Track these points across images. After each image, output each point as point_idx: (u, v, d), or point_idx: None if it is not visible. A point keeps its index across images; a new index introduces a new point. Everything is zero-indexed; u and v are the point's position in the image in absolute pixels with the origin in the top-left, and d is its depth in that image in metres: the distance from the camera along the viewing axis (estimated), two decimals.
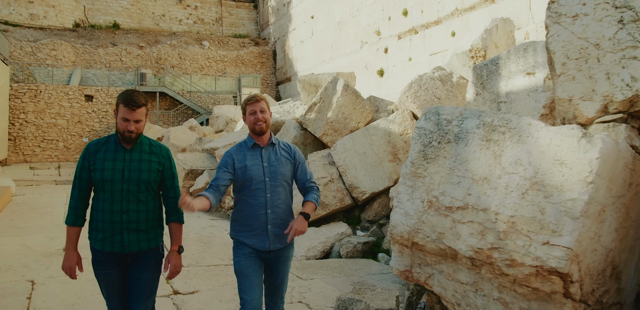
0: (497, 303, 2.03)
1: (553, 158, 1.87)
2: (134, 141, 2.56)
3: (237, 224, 2.82)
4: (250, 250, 2.74)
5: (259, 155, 2.79)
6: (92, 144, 2.58)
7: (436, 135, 2.26)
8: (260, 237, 2.74)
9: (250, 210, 2.74)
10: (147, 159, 2.58)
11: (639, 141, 2.10)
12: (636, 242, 2.27)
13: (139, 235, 2.56)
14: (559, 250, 1.78)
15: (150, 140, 2.67)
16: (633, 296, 2.46)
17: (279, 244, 2.77)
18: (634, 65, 2.01)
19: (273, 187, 2.76)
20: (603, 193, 1.86)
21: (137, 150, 2.58)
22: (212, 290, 4.42)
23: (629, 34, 2.03)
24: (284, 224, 2.77)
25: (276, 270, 2.82)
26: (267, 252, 2.76)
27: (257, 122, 2.74)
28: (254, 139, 2.82)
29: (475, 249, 2.00)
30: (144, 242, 2.58)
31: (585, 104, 2.16)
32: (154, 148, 2.65)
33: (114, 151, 2.54)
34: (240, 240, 2.78)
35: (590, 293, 2.02)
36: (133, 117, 2.48)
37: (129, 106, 2.46)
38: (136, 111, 2.48)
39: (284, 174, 2.81)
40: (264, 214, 2.74)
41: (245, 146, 2.83)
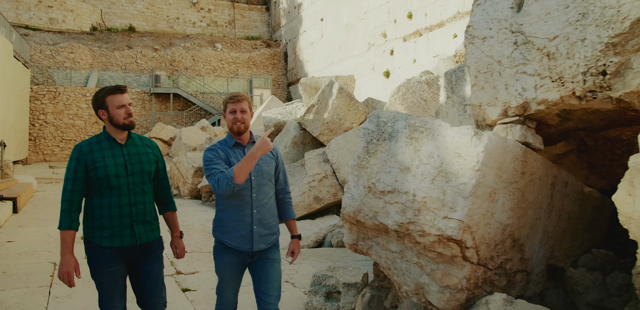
0: (415, 266, 2.57)
1: (454, 151, 2.40)
2: (132, 128, 2.60)
3: (221, 225, 2.71)
4: (230, 259, 2.66)
5: (242, 153, 2.72)
6: (82, 144, 2.57)
7: (376, 134, 2.80)
8: (245, 238, 2.64)
9: (235, 211, 2.65)
10: (143, 151, 2.65)
11: (532, 138, 2.61)
12: (537, 221, 2.78)
13: (145, 226, 2.61)
14: (453, 222, 2.31)
15: (138, 135, 2.73)
16: (541, 267, 2.98)
17: (264, 244, 2.69)
18: (524, 79, 2.53)
19: (259, 186, 2.68)
20: (492, 178, 2.38)
21: (132, 145, 2.63)
22: (209, 272, 5.01)
23: (521, 54, 2.55)
24: (269, 224, 2.72)
25: (264, 274, 2.72)
26: (250, 254, 2.68)
27: (236, 122, 2.68)
28: (235, 138, 2.76)
29: (399, 223, 2.53)
30: (150, 233, 2.63)
31: (490, 109, 2.69)
32: (145, 141, 2.72)
33: (110, 148, 2.56)
34: (223, 241, 2.68)
35: (489, 259, 2.55)
36: (126, 100, 2.54)
37: (118, 91, 2.52)
38: (124, 94, 2.54)
39: (269, 173, 2.75)
40: (250, 214, 2.65)
41: (226, 145, 2.75)
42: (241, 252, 2.65)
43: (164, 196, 2.80)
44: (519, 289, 2.82)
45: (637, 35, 2.19)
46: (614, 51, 2.24)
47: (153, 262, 2.66)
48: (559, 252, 3.07)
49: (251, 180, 2.66)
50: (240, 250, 2.65)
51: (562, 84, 2.39)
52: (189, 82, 26.47)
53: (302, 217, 7.45)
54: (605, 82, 2.29)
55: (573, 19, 2.35)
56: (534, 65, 2.49)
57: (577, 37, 2.33)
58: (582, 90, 2.35)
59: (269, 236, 2.72)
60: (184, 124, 24.20)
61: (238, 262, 2.68)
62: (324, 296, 3.85)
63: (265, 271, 2.72)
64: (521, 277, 2.80)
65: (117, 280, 2.54)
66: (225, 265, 2.68)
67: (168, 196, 2.83)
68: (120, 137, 2.59)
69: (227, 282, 2.68)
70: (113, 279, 2.52)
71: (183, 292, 4.34)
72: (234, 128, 2.70)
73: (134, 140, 2.65)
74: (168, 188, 2.82)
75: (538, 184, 2.67)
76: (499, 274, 2.64)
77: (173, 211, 2.84)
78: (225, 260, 2.67)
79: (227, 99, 2.73)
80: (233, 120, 2.68)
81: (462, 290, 2.44)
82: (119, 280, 2.55)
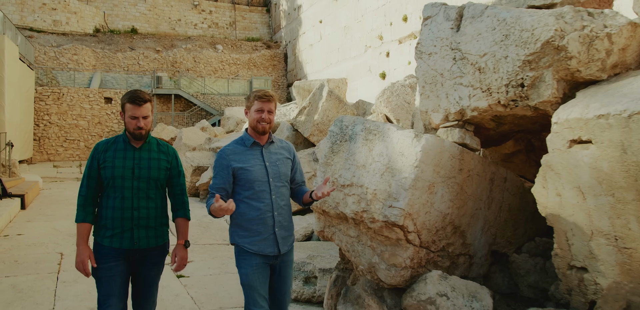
0: (369, 248, 3.01)
1: (399, 151, 2.84)
2: (144, 139, 2.62)
3: (240, 230, 2.63)
4: (257, 260, 2.59)
5: (260, 154, 2.65)
6: (100, 143, 2.65)
7: (339, 136, 3.24)
8: (268, 241, 2.60)
9: (255, 214, 2.59)
10: (156, 157, 2.65)
11: (470, 140, 3.05)
12: (477, 211, 3.22)
13: (148, 231, 2.60)
14: (396, 210, 2.75)
15: (157, 140, 2.74)
16: (484, 251, 3.42)
17: (286, 246, 2.67)
18: (461, 89, 2.97)
19: (277, 187, 2.64)
20: (430, 174, 2.82)
21: (146, 150, 2.64)
22: (203, 261, 5.47)
23: (458, 68, 2.99)
24: (288, 226, 2.70)
25: (283, 276, 2.71)
26: (274, 257, 2.63)
27: (262, 121, 2.60)
28: (254, 137, 2.67)
29: (355, 212, 2.98)
30: (152, 239, 2.62)
31: (434, 115, 3.13)
32: (162, 147, 2.72)
33: (124, 150, 2.60)
34: (244, 247, 2.60)
35: (431, 242, 2.99)
36: (141, 113, 2.53)
37: (135, 102, 2.52)
38: (143, 106, 2.53)
39: (286, 174, 2.70)
40: (271, 217, 2.60)
41: (242, 144, 2.68)
42: (264, 256, 2.60)
43: (175, 202, 2.78)
44: (463, 270, 3.26)
45: (547, 54, 2.63)
46: (529, 67, 2.69)
47: (150, 268, 2.66)
48: (502, 239, 3.51)
49: (269, 182, 2.61)
50: (263, 254, 2.59)
51: (490, 94, 2.84)
52: (190, 83, 26.94)
53: (294, 213, 7.89)
54: (524, 92, 2.73)
55: (498, 39, 2.79)
56: (469, 77, 2.93)
57: (502, 54, 2.78)
58: (505, 100, 2.79)
59: (289, 238, 2.70)
60: (185, 124, 24.67)
61: (265, 265, 2.62)
62: (303, 281, 4.29)
63: (285, 272, 2.71)
64: (464, 259, 3.24)
65: (114, 277, 2.55)
66: (252, 269, 2.57)
67: (181, 203, 2.78)
68: (135, 141, 2.63)
69: (258, 291, 2.55)
70: (110, 274, 2.54)
71: (177, 278, 4.79)
72: (258, 127, 2.62)
73: (150, 145, 2.66)
74: (181, 195, 2.78)
75: (476, 179, 3.11)
76: (442, 256, 3.08)
77: (183, 218, 2.79)
78: (252, 262, 2.58)
79: (256, 96, 2.63)
80: (259, 119, 2.60)
81: (406, 268, 2.88)
82: (116, 276, 2.55)
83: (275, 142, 2.74)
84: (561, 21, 2.59)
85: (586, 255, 2.69)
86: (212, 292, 4.42)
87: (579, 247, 2.70)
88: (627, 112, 2.21)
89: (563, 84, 2.72)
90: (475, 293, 2.81)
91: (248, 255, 2.60)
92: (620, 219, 2.44)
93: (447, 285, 2.76)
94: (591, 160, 2.42)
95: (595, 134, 2.36)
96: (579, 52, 2.60)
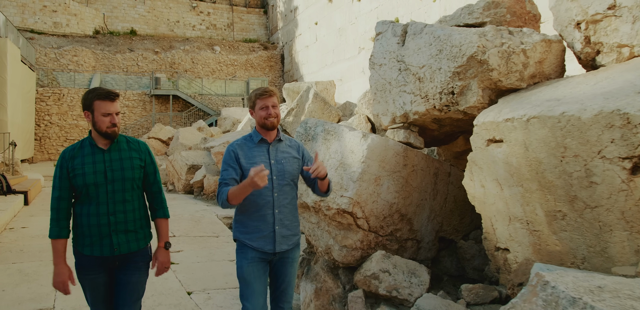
0: (326, 233, 3.50)
1: (350, 149, 3.33)
2: (115, 138, 2.51)
3: (242, 226, 2.65)
4: (254, 254, 2.60)
5: (266, 151, 2.64)
6: (67, 150, 2.52)
7: (304, 136, 3.72)
8: (267, 239, 2.60)
9: (256, 211, 2.60)
10: (127, 156, 2.54)
11: (414, 139, 3.53)
12: (423, 201, 3.70)
13: (127, 236, 2.51)
14: (346, 199, 3.23)
15: (126, 138, 2.61)
16: (431, 237, 3.90)
17: (286, 245, 2.65)
18: (404, 96, 3.46)
19: (280, 185, 2.62)
20: (376, 168, 3.30)
21: (116, 150, 2.52)
22: (193, 250, 5.95)
23: (403, 77, 3.47)
24: (291, 225, 2.68)
25: (282, 273, 2.69)
26: (272, 254, 2.63)
27: (269, 117, 2.59)
28: (262, 134, 2.66)
29: (314, 201, 3.45)
30: (133, 243, 2.53)
31: (384, 118, 3.61)
32: (132, 145, 2.60)
33: (92, 154, 2.48)
34: (244, 242, 2.62)
35: (379, 227, 3.47)
36: (115, 108, 2.43)
37: (108, 98, 2.41)
38: (115, 101, 2.44)
39: (292, 173, 2.67)
40: (271, 214, 2.60)
41: (251, 141, 2.67)
42: (262, 251, 2.61)
43: (154, 202, 2.68)
44: (411, 253, 3.74)
45: (472, 67, 3.11)
46: (458, 77, 3.17)
47: (131, 273, 2.56)
48: (449, 227, 3.99)
49: (272, 179, 2.60)
50: (261, 251, 2.61)
51: (427, 100, 3.32)
52: (189, 84, 27.42)
53: None
54: (454, 99, 3.21)
55: (434, 53, 3.27)
56: (411, 86, 3.41)
57: (436, 66, 3.26)
58: (440, 105, 3.27)
59: (291, 237, 2.67)
60: (183, 125, 25.15)
61: (261, 260, 2.62)
62: None
63: (285, 270, 2.69)
64: (412, 244, 3.73)
65: (97, 288, 2.50)
66: (247, 262, 2.60)
67: (159, 202, 2.69)
68: (103, 142, 2.52)
69: (251, 285, 2.57)
70: (93, 285, 2.49)
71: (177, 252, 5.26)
72: (267, 123, 2.61)
73: (119, 144, 2.55)
74: (159, 193, 2.69)
75: (420, 173, 3.59)
76: (391, 240, 3.57)
77: (163, 218, 2.69)
78: (248, 256, 2.60)
79: (256, 94, 2.64)
80: (266, 115, 2.59)
81: (356, 249, 3.37)
82: (99, 287, 2.50)
83: (284, 140, 2.73)
84: (483, 39, 3.07)
85: (507, 237, 3.16)
86: (198, 277, 4.90)
87: (502, 231, 3.18)
88: (526, 116, 2.68)
89: (488, 91, 3.19)
90: (414, 270, 3.29)
91: (246, 248, 2.61)
92: (529, 206, 2.92)
93: (389, 263, 3.24)
94: (504, 157, 2.90)
95: (505, 134, 2.84)
96: (498, 65, 3.07)
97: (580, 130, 2.48)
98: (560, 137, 2.56)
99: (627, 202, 2.42)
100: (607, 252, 2.65)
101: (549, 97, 2.79)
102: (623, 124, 2.30)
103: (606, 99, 2.46)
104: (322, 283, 3.46)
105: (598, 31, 3.18)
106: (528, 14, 3.54)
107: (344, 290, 3.42)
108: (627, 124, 2.28)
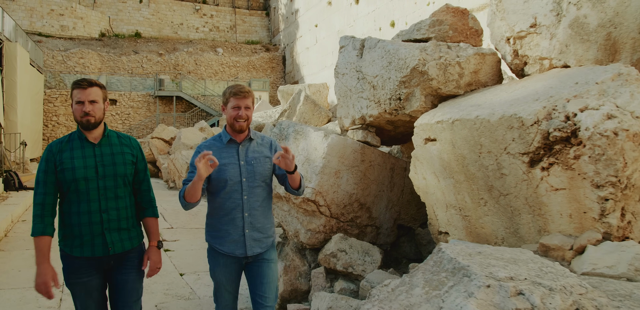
0: (295, 219, 4.06)
1: (314, 147, 3.89)
2: (94, 128, 2.37)
3: (212, 229, 2.61)
4: (224, 260, 2.55)
5: (236, 152, 2.56)
6: (54, 143, 2.38)
7: (279, 135, 4.29)
8: (238, 243, 2.53)
9: (225, 214, 2.53)
10: (119, 151, 2.43)
11: (371, 138, 4.09)
12: (381, 192, 4.26)
13: (120, 234, 2.41)
14: (310, 189, 3.79)
15: (117, 133, 2.52)
16: (389, 224, 4.45)
17: (259, 248, 2.58)
18: (361, 101, 4.02)
19: (250, 188, 2.54)
20: (335, 163, 3.86)
21: (106, 144, 2.41)
22: (188, 240, 6.54)
23: (360, 85, 4.03)
24: (263, 228, 2.61)
25: (259, 275, 2.61)
26: (244, 257, 2.58)
27: (239, 118, 2.51)
28: (230, 134, 2.59)
29: (285, 192, 4.03)
30: (126, 242, 2.43)
31: (345, 120, 4.18)
32: (123, 140, 2.50)
33: (81, 148, 2.36)
34: (215, 247, 2.57)
35: (340, 214, 4.02)
36: (86, 96, 2.28)
37: (80, 85, 2.28)
38: (88, 89, 2.29)
39: (263, 174, 2.59)
40: (240, 217, 2.53)
41: (220, 141, 2.59)
42: (234, 256, 2.56)
43: (143, 200, 2.58)
44: (371, 237, 4.30)
45: (415, 77, 3.67)
46: (404, 85, 3.72)
47: (128, 272, 2.47)
48: (406, 216, 4.55)
49: (242, 182, 2.52)
50: (232, 255, 2.55)
51: (380, 105, 3.88)
52: (192, 85, 28.06)
53: None
54: (401, 104, 3.77)
55: (385, 65, 3.83)
56: (366, 92, 3.97)
57: (387, 76, 3.81)
58: (389, 109, 3.83)
59: (263, 239, 2.61)
60: (186, 125, 25.79)
61: (232, 263, 2.57)
62: None
63: (261, 272, 2.62)
64: (371, 229, 4.28)
65: (91, 292, 2.38)
66: (219, 267, 2.57)
67: (148, 200, 2.59)
68: (92, 136, 2.39)
69: (223, 286, 2.59)
70: (86, 289, 2.37)
71: (165, 251, 5.85)
72: (235, 125, 2.54)
73: (109, 139, 2.45)
74: (148, 191, 2.60)
75: (377, 168, 4.15)
76: (351, 225, 4.13)
77: (152, 217, 2.60)
78: (219, 261, 2.56)
79: (231, 92, 2.53)
80: (236, 116, 2.52)
81: (320, 232, 3.93)
82: (93, 291, 2.38)
83: (255, 139, 2.65)
84: (424, 53, 3.62)
85: (446, 222, 3.71)
86: (190, 262, 5.48)
87: (442, 217, 3.73)
88: (452, 119, 3.24)
89: (430, 97, 3.75)
90: (368, 250, 3.85)
91: (216, 253, 2.59)
92: (460, 195, 3.47)
93: (346, 244, 3.81)
94: (438, 153, 3.45)
95: (437, 134, 3.39)
96: (437, 75, 3.63)
97: (490, 131, 3.02)
98: (477, 136, 3.11)
99: (528, 189, 2.97)
100: (518, 232, 3.20)
101: (473, 103, 3.34)
102: (519, 125, 2.84)
103: (511, 105, 3.01)
104: (291, 261, 4.03)
105: (524, 46, 3.72)
106: (470, 30, 4.09)
107: (309, 268, 3.99)
108: (522, 125, 2.82)
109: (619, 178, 2.57)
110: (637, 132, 2.58)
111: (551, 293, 1.81)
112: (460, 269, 2.03)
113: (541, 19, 3.58)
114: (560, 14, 3.52)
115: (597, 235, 2.70)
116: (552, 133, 2.70)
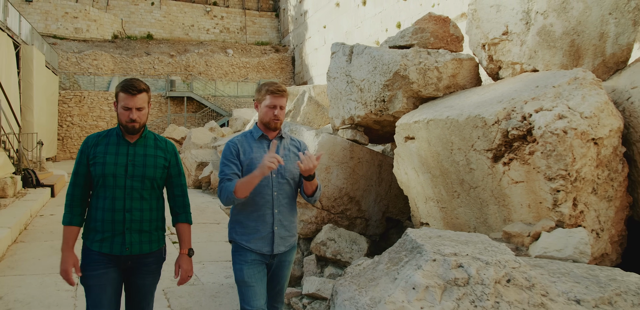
0: None
1: (307, 144, 4.26)
2: (138, 133, 2.39)
3: (239, 226, 2.55)
4: (253, 256, 2.50)
5: (267, 147, 2.54)
6: (91, 137, 2.40)
7: None
8: (265, 240, 2.51)
9: (255, 210, 2.50)
10: (152, 153, 2.43)
11: (359, 137, 4.44)
12: (370, 187, 4.61)
13: (141, 236, 2.39)
14: None
15: (155, 135, 2.51)
16: (378, 217, 4.80)
17: (283, 247, 2.58)
18: (350, 103, 4.37)
19: (280, 184, 2.53)
20: (326, 160, 4.22)
21: (142, 145, 2.42)
22: (195, 234, 6.87)
23: (349, 88, 4.39)
24: (290, 226, 2.60)
25: (278, 276, 2.63)
26: (270, 256, 2.55)
27: (275, 118, 2.51)
28: (262, 130, 2.57)
29: None
30: (145, 245, 2.41)
31: (336, 120, 4.53)
32: (159, 143, 2.49)
33: (117, 145, 2.37)
34: (241, 244, 2.52)
35: (330, 207, 4.38)
36: (134, 103, 2.30)
37: (128, 91, 2.28)
38: (137, 96, 2.29)
39: (292, 171, 2.57)
40: (270, 214, 2.51)
41: (251, 137, 2.58)
42: (261, 254, 2.53)
43: (176, 206, 2.57)
44: (360, 228, 4.65)
45: (397, 80, 4.01)
46: (387, 89, 4.07)
47: (145, 277, 2.47)
48: (394, 209, 4.89)
49: (272, 177, 2.51)
50: (259, 252, 2.52)
51: (366, 106, 4.23)
52: (202, 86, 28.57)
53: None
54: (385, 105, 4.12)
55: (371, 70, 4.18)
56: (355, 95, 4.33)
57: (372, 80, 4.16)
58: (375, 110, 4.18)
59: (288, 238, 2.61)
60: (197, 125, 26.28)
61: (260, 262, 2.53)
62: None
63: (281, 273, 2.64)
64: (360, 221, 4.64)
65: (104, 286, 2.34)
66: (247, 265, 2.50)
67: (181, 206, 2.58)
68: (129, 135, 2.42)
69: (252, 288, 2.47)
70: (100, 283, 2.34)
71: (172, 243, 6.25)
72: (270, 124, 2.54)
73: (146, 140, 2.46)
74: (182, 197, 2.57)
75: (366, 164, 4.51)
76: (342, 217, 4.48)
77: (185, 223, 2.60)
78: (247, 258, 2.50)
79: (268, 90, 2.51)
80: (273, 116, 2.52)
81: (312, 223, 4.29)
82: (107, 285, 2.35)
83: (286, 138, 2.67)
84: (405, 59, 3.97)
85: (426, 214, 4.05)
86: (196, 252, 5.85)
87: (422, 209, 4.07)
88: (427, 119, 3.58)
89: (412, 99, 4.09)
90: (355, 239, 4.20)
91: (244, 251, 2.52)
92: (437, 188, 3.81)
93: (335, 233, 4.17)
94: (416, 150, 3.79)
95: (415, 132, 3.74)
96: (417, 79, 3.97)
97: (459, 130, 3.36)
98: (448, 135, 3.45)
99: (493, 182, 3.30)
100: (487, 222, 3.53)
101: (448, 105, 3.69)
102: (482, 125, 3.18)
103: (477, 106, 3.35)
104: None
105: (497, 51, 4.05)
106: (451, 37, 4.42)
107: (303, 255, 4.36)
108: (485, 125, 3.16)
109: (569, 171, 2.90)
110: (585, 131, 2.91)
111: (487, 266, 2.16)
112: (416, 247, 2.38)
113: (512, 27, 3.91)
114: (529, 23, 3.85)
115: (551, 223, 3.03)
116: (510, 131, 3.04)
